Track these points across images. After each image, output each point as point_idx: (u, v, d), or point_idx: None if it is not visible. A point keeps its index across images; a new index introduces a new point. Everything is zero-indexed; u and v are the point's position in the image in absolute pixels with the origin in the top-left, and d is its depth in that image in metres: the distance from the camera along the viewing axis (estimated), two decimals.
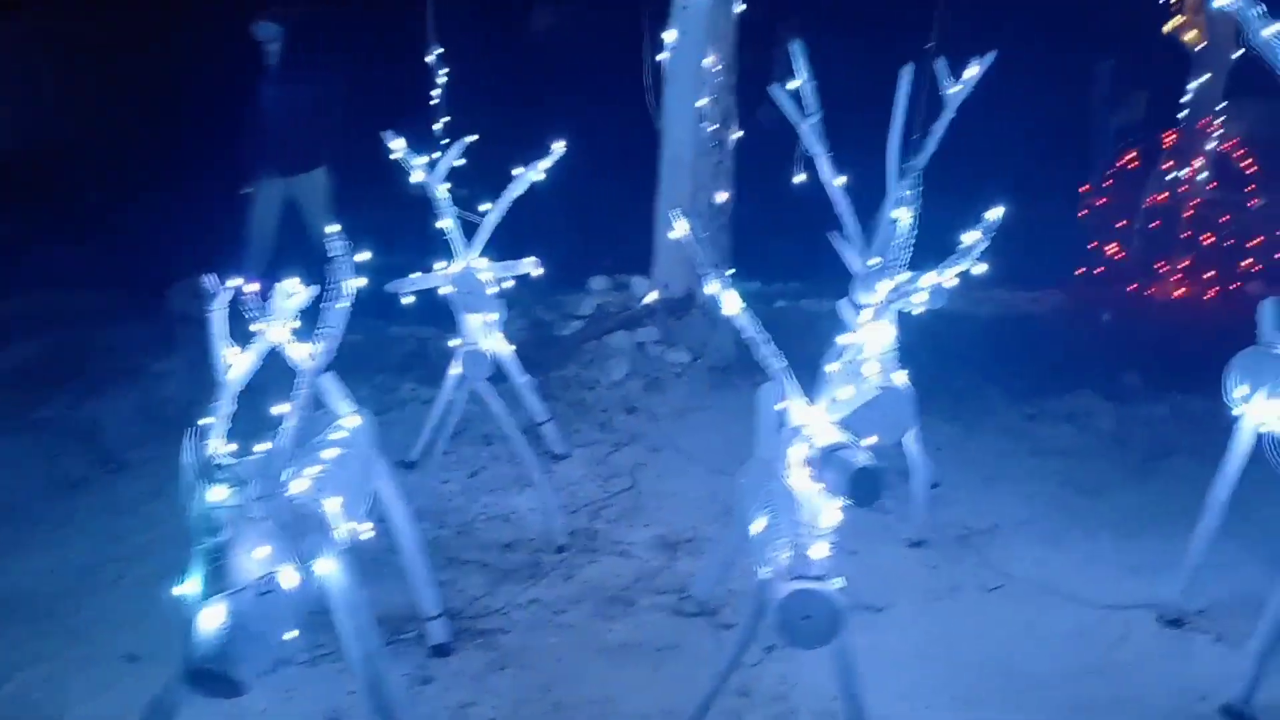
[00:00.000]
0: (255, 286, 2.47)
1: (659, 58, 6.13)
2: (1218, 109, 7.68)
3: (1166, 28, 7.68)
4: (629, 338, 6.01)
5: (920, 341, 6.42)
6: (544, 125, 4.44)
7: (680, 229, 2.74)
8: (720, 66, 6.82)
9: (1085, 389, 5.67)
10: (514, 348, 4.66)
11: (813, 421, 2.53)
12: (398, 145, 3.71)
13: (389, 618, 3.53)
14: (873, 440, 2.57)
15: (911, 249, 3.72)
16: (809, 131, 3.65)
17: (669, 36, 5.99)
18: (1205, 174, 7.18)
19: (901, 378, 3.82)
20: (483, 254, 4.06)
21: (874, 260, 3.74)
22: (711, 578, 3.64)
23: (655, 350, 5.93)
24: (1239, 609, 3.50)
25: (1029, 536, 4.23)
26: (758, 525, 2.86)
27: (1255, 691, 3.00)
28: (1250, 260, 6.90)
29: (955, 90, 3.78)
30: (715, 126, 6.30)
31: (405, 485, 4.20)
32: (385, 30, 8.71)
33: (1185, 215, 6.96)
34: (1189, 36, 7.53)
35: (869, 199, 3.84)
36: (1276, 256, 6.80)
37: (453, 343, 4.04)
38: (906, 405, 3.76)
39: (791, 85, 3.71)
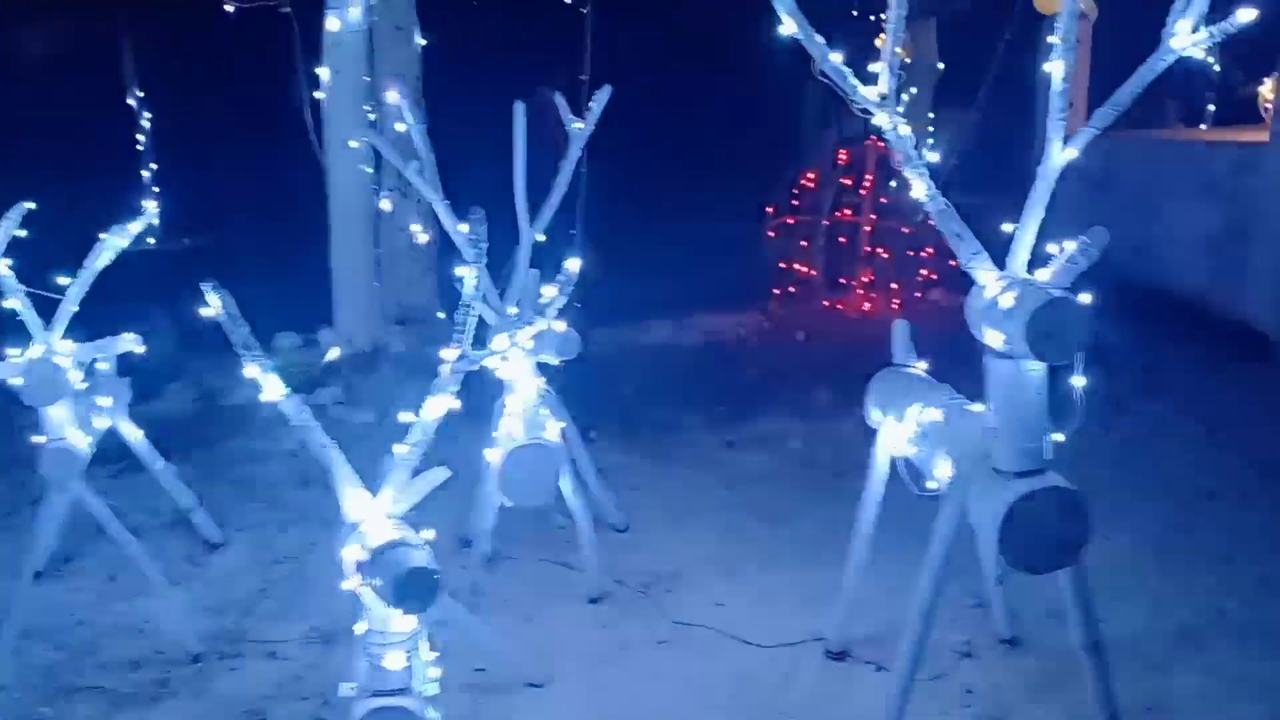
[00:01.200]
0: None
1: (316, 95, 5.73)
2: (930, 118, 8.04)
3: (877, 42, 7.95)
4: (307, 400, 5.55)
5: (623, 376, 6.33)
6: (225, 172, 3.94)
7: (214, 305, 2.36)
8: (405, 104, 6.48)
9: (779, 411, 5.70)
10: (142, 432, 4.16)
11: (369, 516, 2.24)
12: None
13: None
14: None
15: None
16: (416, 177, 3.38)
17: (323, 74, 5.60)
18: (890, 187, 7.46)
19: (554, 431, 3.60)
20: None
21: (511, 309, 3.51)
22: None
23: (337, 412, 5.51)
24: (901, 634, 3.46)
25: (709, 576, 4.10)
26: (360, 628, 2.55)
27: None
28: (927, 270, 7.21)
29: (578, 127, 3.62)
30: (371, 168, 5.92)
31: (27, 599, 3.62)
32: None
33: (867, 230, 7.21)
34: (898, 51, 7.79)
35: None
36: (952, 264, 7.11)
37: (36, 439, 3.49)
38: (555, 461, 3.53)
39: (400, 127, 3.44)
